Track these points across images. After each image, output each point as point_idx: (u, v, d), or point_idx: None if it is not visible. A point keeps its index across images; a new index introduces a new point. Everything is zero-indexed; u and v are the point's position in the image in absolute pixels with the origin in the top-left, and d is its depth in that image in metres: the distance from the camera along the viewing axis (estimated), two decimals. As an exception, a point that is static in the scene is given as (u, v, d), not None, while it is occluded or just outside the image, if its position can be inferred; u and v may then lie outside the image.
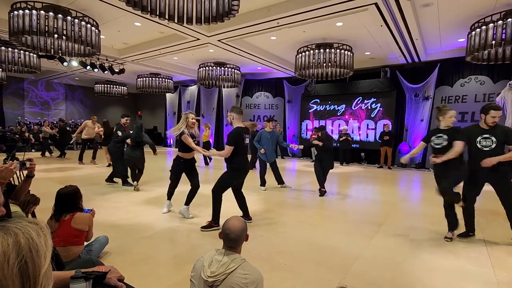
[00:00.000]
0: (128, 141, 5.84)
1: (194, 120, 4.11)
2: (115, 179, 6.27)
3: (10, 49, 7.80)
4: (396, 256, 3.00)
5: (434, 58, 9.38)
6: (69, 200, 2.47)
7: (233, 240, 1.57)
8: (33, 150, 12.64)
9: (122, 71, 10.82)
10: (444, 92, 9.57)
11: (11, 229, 0.58)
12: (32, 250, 0.57)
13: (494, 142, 3.21)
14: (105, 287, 1.15)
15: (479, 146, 3.28)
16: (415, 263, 2.86)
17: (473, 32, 5.94)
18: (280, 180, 6.42)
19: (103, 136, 8.68)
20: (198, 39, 8.12)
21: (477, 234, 3.66)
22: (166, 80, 13.18)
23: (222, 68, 10.35)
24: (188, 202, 4.12)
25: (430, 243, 3.38)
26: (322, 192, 5.67)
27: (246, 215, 3.89)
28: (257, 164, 8.99)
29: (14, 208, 2.37)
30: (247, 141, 8.38)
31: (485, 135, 3.26)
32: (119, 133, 6.15)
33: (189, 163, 4.17)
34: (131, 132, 6.00)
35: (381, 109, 10.77)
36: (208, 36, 7.83)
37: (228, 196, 3.82)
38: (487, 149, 3.24)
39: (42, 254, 0.58)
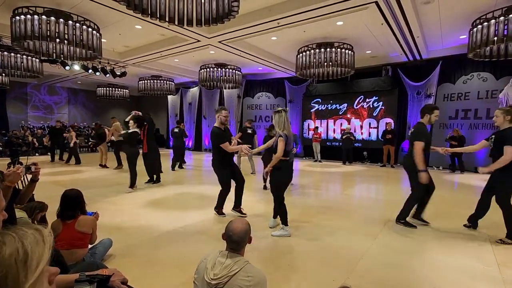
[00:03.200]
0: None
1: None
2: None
3: (12, 54, 7.86)
4: (401, 255, 2.98)
5: (435, 56, 9.34)
6: (74, 201, 2.50)
7: (236, 242, 1.57)
8: (36, 154, 12.73)
9: (123, 74, 10.87)
10: (447, 90, 9.51)
11: (4, 238, 0.56)
12: (17, 263, 0.54)
13: None
14: (109, 290, 1.16)
15: None
16: (420, 261, 2.84)
17: (475, 29, 5.90)
18: None
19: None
20: (199, 40, 8.15)
21: (482, 233, 3.64)
22: (168, 82, 13.22)
23: (223, 69, 10.36)
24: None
25: (435, 241, 3.36)
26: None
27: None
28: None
29: (20, 214, 2.38)
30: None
31: None
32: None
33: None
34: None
35: (383, 107, 10.73)
36: (209, 38, 7.85)
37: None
38: None
39: (33, 265, 0.56)
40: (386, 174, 8.69)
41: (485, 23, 5.63)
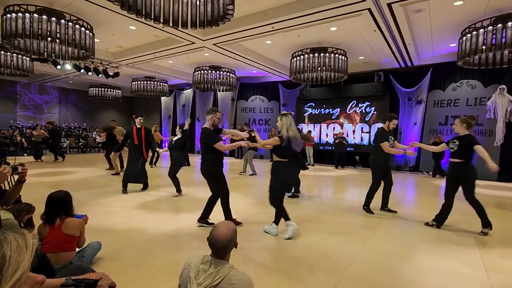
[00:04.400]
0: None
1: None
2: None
3: (2, 52, 7.71)
4: (391, 259, 3.01)
5: (426, 63, 9.53)
6: (60, 204, 2.41)
7: (219, 249, 1.51)
8: (25, 154, 12.45)
9: (116, 74, 10.76)
10: (437, 96, 9.71)
11: None
12: None
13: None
14: (96, 295, 1.13)
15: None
16: (410, 266, 2.87)
17: (464, 37, 6.06)
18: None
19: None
20: (193, 43, 8.14)
21: (469, 237, 3.70)
22: (161, 83, 13.16)
23: (218, 71, 10.37)
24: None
25: (425, 246, 3.40)
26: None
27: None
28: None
29: (6, 215, 2.32)
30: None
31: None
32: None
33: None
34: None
35: (375, 112, 10.87)
36: (203, 40, 7.85)
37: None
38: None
39: (9, 272, 0.54)
40: (377, 178, 8.75)
41: (474, 32, 5.79)
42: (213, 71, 10.35)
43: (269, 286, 2.42)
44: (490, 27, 5.56)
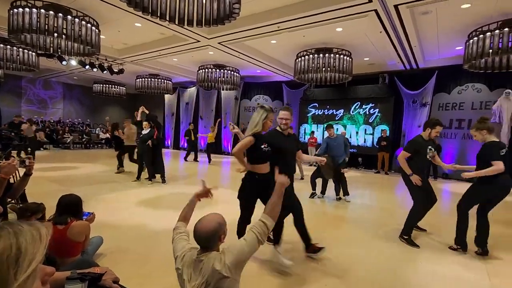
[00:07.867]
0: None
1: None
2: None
3: (8, 46, 7.76)
4: (394, 262, 3.00)
5: (432, 65, 9.48)
6: (71, 207, 2.36)
7: (203, 241, 1.50)
8: (29, 149, 12.53)
9: (121, 71, 10.80)
10: (442, 99, 9.65)
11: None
12: (9, 259, 0.52)
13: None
14: (100, 289, 1.14)
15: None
16: (412, 270, 2.86)
17: (471, 41, 6.02)
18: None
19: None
20: (198, 41, 8.15)
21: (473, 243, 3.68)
22: (165, 81, 13.18)
23: (222, 70, 10.37)
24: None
25: (428, 250, 3.38)
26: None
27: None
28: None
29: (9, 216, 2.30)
30: None
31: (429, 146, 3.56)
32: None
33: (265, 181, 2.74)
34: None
35: (379, 114, 10.83)
36: (208, 39, 7.85)
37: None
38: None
39: (25, 264, 0.53)
40: (380, 180, 8.74)
41: (481, 36, 5.74)
42: (217, 70, 10.35)
43: (269, 282, 2.42)
44: (497, 31, 5.51)
